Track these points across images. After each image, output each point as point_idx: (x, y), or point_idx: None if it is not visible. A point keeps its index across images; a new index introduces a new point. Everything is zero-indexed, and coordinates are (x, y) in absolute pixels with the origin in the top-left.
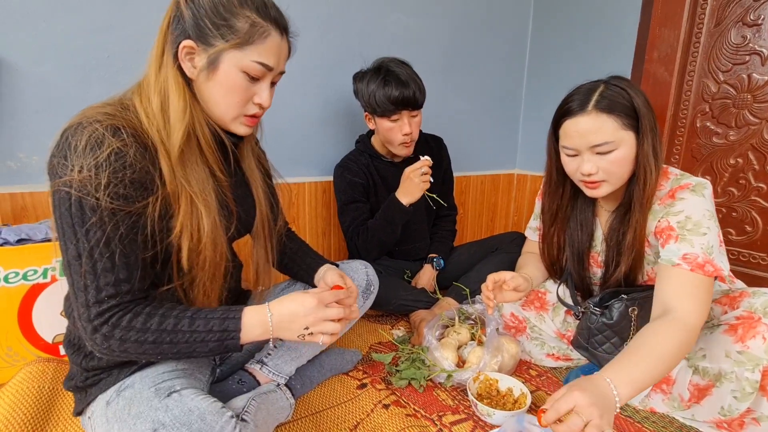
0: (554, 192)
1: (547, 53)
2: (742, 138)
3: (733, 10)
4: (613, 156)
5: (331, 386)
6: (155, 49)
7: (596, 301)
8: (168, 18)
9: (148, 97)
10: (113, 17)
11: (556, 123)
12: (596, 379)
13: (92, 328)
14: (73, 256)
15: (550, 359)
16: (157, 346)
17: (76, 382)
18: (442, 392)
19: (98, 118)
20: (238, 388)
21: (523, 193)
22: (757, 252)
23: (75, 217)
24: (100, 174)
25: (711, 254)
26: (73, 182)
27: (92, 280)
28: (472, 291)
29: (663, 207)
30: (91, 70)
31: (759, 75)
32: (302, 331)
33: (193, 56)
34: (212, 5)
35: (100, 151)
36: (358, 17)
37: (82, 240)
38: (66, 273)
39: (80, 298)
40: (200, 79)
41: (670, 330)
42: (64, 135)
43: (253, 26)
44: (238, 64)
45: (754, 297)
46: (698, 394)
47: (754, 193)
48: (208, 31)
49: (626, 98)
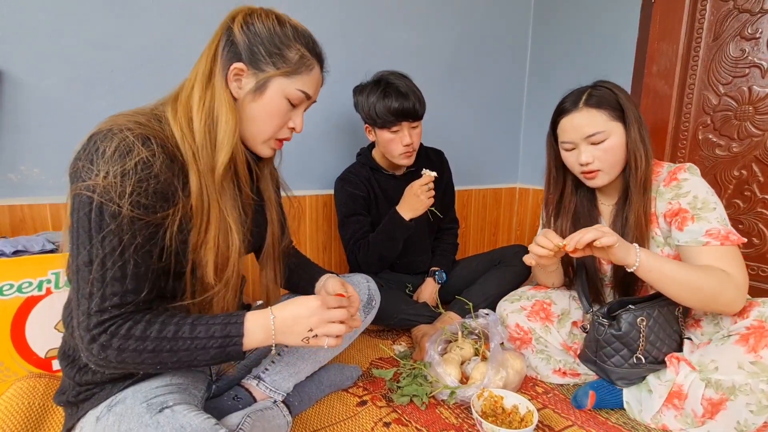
0: (555, 185)
1: (546, 69)
2: (745, 150)
3: (730, 24)
4: (606, 144)
5: (330, 403)
6: (202, 67)
7: (604, 311)
8: (217, 40)
9: (187, 114)
10: (118, 32)
11: (554, 122)
12: (628, 244)
13: (90, 338)
14: (84, 262)
15: (557, 375)
16: (156, 354)
17: (68, 397)
18: (445, 410)
19: (129, 126)
20: (234, 405)
21: (526, 207)
22: (765, 265)
23: (93, 222)
24: (125, 181)
25: (727, 225)
26: (97, 187)
27: (99, 288)
28: (475, 305)
29: (670, 189)
30: (95, 84)
31: (760, 87)
32: (306, 333)
33: (240, 78)
34: (269, 35)
35: (128, 158)
36: (359, 33)
37: (96, 246)
38: (72, 279)
39: (82, 306)
40: (245, 100)
41: (714, 268)
42: (92, 139)
43: (302, 58)
44: (284, 90)
45: (764, 306)
46: (712, 409)
47: (760, 205)
48: (261, 57)
49: (611, 95)
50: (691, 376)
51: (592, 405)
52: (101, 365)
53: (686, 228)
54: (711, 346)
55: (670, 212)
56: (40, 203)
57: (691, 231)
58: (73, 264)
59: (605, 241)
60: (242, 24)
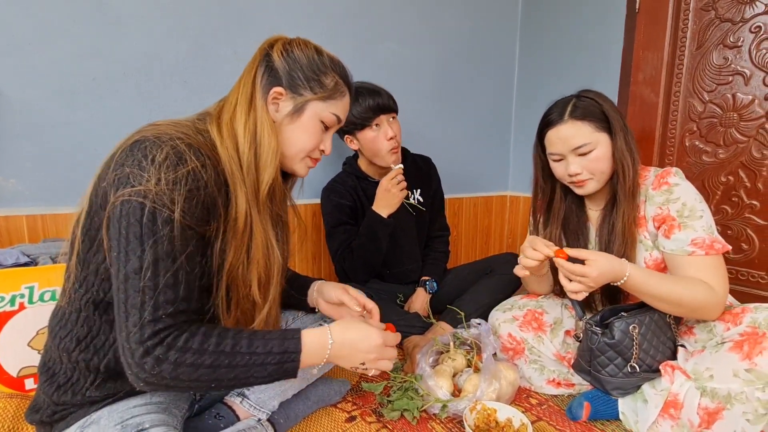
0: (543, 193)
1: (534, 78)
2: (731, 156)
3: (713, 33)
4: (593, 155)
5: (317, 419)
6: (242, 90)
7: (597, 319)
8: (255, 66)
9: (233, 136)
10: (100, 42)
11: (541, 133)
12: (620, 261)
13: (143, 351)
14: (134, 269)
15: (551, 386)
16: (213, 370)
17: (42, 416)
18: (437, 424)
19: (178, 135)
20: (215, 424)
21: (516, 215)
22: (755, 270)
23: (145, 227)
24: (177, 189)
25: (713, 233)
26: (149, 193)
27: (151, 297)
28: (467, 314)
29: (661, 192)
30: (76, 95)
31: (743, 94)
32: (357, 364)
33: (278, 102)
34: (308, 62)
35: (181, 167)
36: (347, 45)
37: (148, 252)
38: (119, 290)
39: (132, 317)
40: (283, 122)
41: (698, 281)
42: (138, 146)
43: (336, 85)
44: (320, 113)
45: (757, 312)
46: (709, 419)
47: (748, 211)
48: (300, 82)
49: (596, 105)
50: (687, 384)
51: (587, 416)
52: (152, 382)
53: (673, 236)
54: (705, 354)
55: (659, 217)
56: (16, 215)
57: (677, 240)
58: (119, 273)
59: (577, 297)
60: (282, 51)
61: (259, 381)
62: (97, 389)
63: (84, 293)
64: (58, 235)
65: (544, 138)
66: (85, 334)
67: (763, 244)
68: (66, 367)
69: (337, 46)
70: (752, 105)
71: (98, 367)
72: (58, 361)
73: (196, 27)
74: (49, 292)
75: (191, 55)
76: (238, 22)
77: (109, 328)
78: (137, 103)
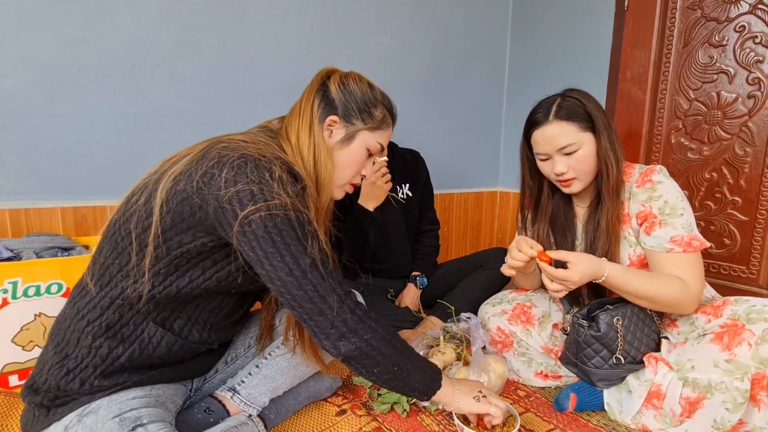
0: (531, 191)
1: (524, 74)
2: (715, 153)
3: (699, 32)
4: (579, 155)
5: (307, 414)
6: (303, 116)
7: (583, 312)
8: (313, 93)
9: (300, 154)
10: (85, 31)
11: (527, 133)
12: (599, 261)
13: (357, 318)
14: (309, 264)
15: (539, 378)
16: (397, 352)
17: (42, 399)
18: (426, 417)
19: (275, 155)
20: (205, 418)
21: (507, 211)
22: (737, 265)
23: (299, 230)
24: (301, 199)
25: (692, 231)
26: (287, 204)
27: (333, 279)
28: (457, 309)
29: (644, 190)
30: (60, 85)
31: (727, 92)
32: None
33: (332, 129)
34: (361, 95)
35: (297, 183)
36: (339, 37)
37: (310, 249)
38: (300, 286)
39: (330, 299)
40: (334, 148)
41: (673, 278)
42: (249, 164)
43: (384, 117)
44: (367, 142)
45: (737, 304)
46: (690, 408)
47: (730, 207)
48: (353, 113)
49: (580, 106)
50: (669, 375)
51: (573, 407)
52: (360, 350)
53: (653, 233)
54: (687, 346)
55: (642, 214)
56: None
57: (657, 236)
58: (294, 273)
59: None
60: (339, 83)
61: (413, 387)
62: (105, 379)
63: (132, 283)
64: (42, 229)
65: (530, 138)
66: (115, 322)
67: (745, 240)
68: (81, 351)
69: (328, 38)
70: (736, 103)
71: (119, 356)
72: (74, 343)
73: (185, 17)
74: (33, 287)
75: (179, 46)
76: (229, 12)
77: (141, 319)
78: (123, 95)
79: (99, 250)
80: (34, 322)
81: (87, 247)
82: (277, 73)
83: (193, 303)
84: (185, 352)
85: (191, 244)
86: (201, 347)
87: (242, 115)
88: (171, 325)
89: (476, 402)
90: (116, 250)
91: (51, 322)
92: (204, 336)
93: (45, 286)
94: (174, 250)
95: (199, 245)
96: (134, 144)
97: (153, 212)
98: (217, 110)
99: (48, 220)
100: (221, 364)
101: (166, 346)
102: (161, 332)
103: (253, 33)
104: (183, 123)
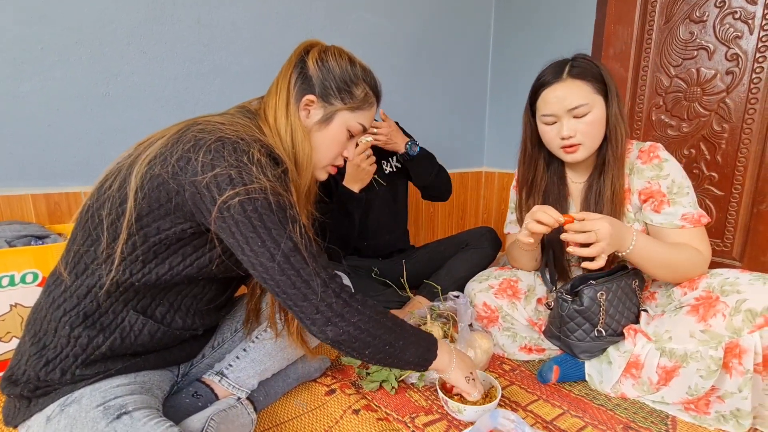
0: (529, 162)
1: (509, 53)
2: (693, 129)
3: (680, 7)
4: (589, 118)
5: (297, 394)
6: (279, 95)
7: (567, 287)
8: (290, 69)
9: (279, 135)
10: (47, 7)
11: (534, 95)
12: (625, 226)
13: (342, 302)
14: (291, 249)
15: (523, 352)
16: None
17: (22, 390)
18: (414, 393)
19: (254, 138)
20: (193, 402)
21: (492, 191)
22: (712, 238)
23: (279, 214)
24: (280, 182)
25: (698, 207)
26: (267, 188)
27: (316, 262)
28: (444, 288)
29: (651, 167)
30: (23, 64)
31: (706, 69)
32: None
33: (309, 108)
34: (341, 73)
35: (278, 167)
36: (319, 14)
37: (291, 232)
38: (282, 271)
39: (314, 283)
40: (312, 129)
41: (690, 248)
42: (226, 147)
43: (366, 96)
44: (347, 123)
45: (712, 277)
46: (666, 376)
47: (707, 182)
48: (332, 92)
49: (594, 67)
50: (648, 346)
51: (556, 379)
52: (348, 334)
53: (663, 211)
54: (665, 318)
55: (647, 191)
56: None
57: (667, 214)
58: (276, 258)
59: (596, 264)
60: (317, 59)
61: (408, 360)
62: (86, 368)
63: (107, 272)
64: (13, 217)
65: (537, 100)
66: (93, 311)
67: (720, 214)
68: (60, 341)
69: (309, 14)
70: (714, 79)
71: (100, 345)
72: (51, 333)
73: None
74: (7, 277)
75: (150, 22)
76: None
77: (121, 308)
78: (91, 74)
79: (72, 238)
80: (10, 313)
81: (62, 235)
82: (255, 50)
83: (174, 290)
84: (169, 339)
85: (170, 231)
86: (185, 333)
87: (219, 95)
88: (153, 312)
89: (465, 382)
90: (90, 237)
91: (28, 313)
92: (188, 322)
93: (20, 276)
94: (152, 237)
95: (179, 231)
96: (106, 126)
97: (127, 198)
98: (192, 90)
99: (19, 208)
100: (208, 349)
101: (149, 333)
102: (143, 320)
103: (229, 8)
104: (157, 103)
